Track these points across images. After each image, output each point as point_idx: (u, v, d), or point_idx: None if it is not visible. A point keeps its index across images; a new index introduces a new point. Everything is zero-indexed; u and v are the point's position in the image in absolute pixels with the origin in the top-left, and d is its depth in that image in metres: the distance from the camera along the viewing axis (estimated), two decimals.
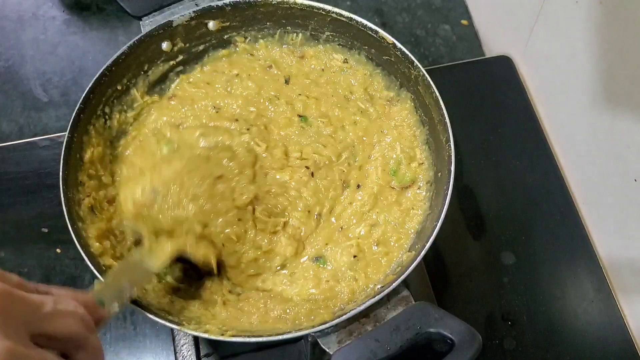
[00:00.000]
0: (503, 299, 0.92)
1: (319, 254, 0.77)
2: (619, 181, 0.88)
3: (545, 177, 1.03)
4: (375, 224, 0.79)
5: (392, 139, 0.84)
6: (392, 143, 0.84)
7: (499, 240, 0.97)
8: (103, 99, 0.81)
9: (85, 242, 0.70)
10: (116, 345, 0.88)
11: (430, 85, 0.78)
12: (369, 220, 0.79)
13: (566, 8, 0.92)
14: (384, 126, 0.86)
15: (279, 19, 0.88)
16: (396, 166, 0.82)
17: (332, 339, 0.65)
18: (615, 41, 0.82)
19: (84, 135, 0.78)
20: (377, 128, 0.85)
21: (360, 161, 0.83)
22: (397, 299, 0.67)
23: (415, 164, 0.83)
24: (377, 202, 0.80)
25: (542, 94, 1.09)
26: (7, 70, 1.17)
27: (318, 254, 0.77)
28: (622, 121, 0.84)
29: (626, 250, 0.90)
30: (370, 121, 0.86)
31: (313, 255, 0.77)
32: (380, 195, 0.80)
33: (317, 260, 0.76)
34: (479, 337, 0.63)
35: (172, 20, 0.83)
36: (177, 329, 0.65)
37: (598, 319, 0.91)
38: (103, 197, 0.78)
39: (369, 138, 0.84)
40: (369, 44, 0.86)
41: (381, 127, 0.85)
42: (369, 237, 0.78)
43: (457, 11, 1.27)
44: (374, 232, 0.78)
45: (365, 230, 0.78)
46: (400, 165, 0.82)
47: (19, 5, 1.23)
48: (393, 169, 0.82)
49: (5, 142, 1.06)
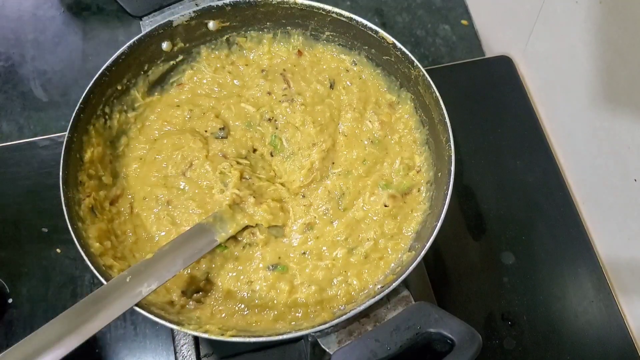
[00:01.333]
0: (503, 299, 0.92)
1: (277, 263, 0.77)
2: (619, 181, 0.88)
3: (545, 177, 1.03)
4: (357, 245, 0.78)
5: (391, 160, 0.84)
6: (391, 162, 0.84)
7: (499, 240, 0.97)
8: (103, 99, 0.81)
9: (85, 242, 0.70)
10: (116, 345, 0.88)
11: (431, 85, 0.78)
12: (348, 244, 0.78)
13: (566, 8, 0.92)
14: (389, 147, 0.84)
15: (279, 19, 0.88)
16: (393, 177, 0.82)
17: (332, 339, 0.65)
18: (615, 41, 0.82)
19: (84, 135, 0.78)
20: (382, 155, 0.84)
21: (344, 205, 0.81)
22: (397, 299, 0.67)
23: (413, 172, 0.83)
24: (356, 227, 0.79)
25: (542, 94, 1.09)
26: (7, 70, 1.17)
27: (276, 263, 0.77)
28: (622, 121, 0.84)
29: (626, 250, 0.90)
30: (380, 149, 0.84)
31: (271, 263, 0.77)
32: (366, 218, 0.80)
33: (274, 268, 0.76)
34: (479, 337, 0.63)
35: (172, 20, 0.83)
36: (177, 329, 0.65)
37: (598, 319, 0.91)
38: (104, 198, 0.78)
39: (369, 175, 0.83)
40: (369, 44, 0.86)
41: (386, 149, 0.84)
42: (349, 256, 0.77)
43: (457, 11, 1.27)
44: (358, 250, 0.78)
45: (343, 252, 0.77)
46: (399, 174, 0.82)
47: (19, 5, 1.23)
48: (383, 184, 0.82)
49: (5, 142, 1.06)
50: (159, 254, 0.70)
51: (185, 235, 0.74)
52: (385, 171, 0.83)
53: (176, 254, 0.70)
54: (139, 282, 0.66)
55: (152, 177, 0.81)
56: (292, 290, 0.75)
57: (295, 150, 0.83)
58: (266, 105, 0.86)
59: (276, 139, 0.84)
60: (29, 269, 0.94)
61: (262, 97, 0.87)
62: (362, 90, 0.88)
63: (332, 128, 0.85)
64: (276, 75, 0.88)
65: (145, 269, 0.68)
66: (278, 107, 0.86)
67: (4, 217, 0.98)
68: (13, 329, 0.89)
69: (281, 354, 0.85)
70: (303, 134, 0.84)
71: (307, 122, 0.84)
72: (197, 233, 0.74)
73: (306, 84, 0.87)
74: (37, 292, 0.92)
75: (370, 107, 0.87)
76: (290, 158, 0.83)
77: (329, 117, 0.85)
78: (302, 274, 0.76)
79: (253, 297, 0.74)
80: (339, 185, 0.81)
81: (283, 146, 0.84)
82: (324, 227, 0.79)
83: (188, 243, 0.72)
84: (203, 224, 0.75)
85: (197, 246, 0.72)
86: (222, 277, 0.76)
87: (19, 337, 0.88)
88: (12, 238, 0.96)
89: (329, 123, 0.85)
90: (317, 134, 0.83)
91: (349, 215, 0.80)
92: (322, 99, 0.87)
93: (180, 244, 0.72)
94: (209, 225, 0.75)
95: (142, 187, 0.80)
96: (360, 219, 0.79)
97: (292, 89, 0.87)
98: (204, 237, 0.74)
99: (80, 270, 0.93)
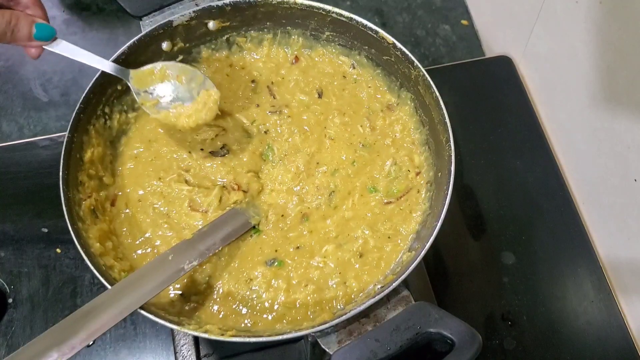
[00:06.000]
0: (503, 299, 0.92)
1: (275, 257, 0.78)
2: (619, 181, 0.88)
3: (545, 177, 1.03)
4: (347, 242, 0.78)
5: (382, 163, 0.84)
6: (382, 165, 0.84)
7: (499, 240, 0.97)
8: (103, 99, 0.81)
9: (85, 242, 0.70)
10: (116, 345, 0.88)
11: (431, 85, 0.78)
12: (337, 241, 0.78)
13: (566, 8, 0.92)
14: (381, 151, 0.85)
15: (279, 19, 0.88)
16: (382, 181, 0.82)
17: (332, 339, 0.65)
18: (615, 41, 0.82)
19: (84, 135, 0.78)
20: (373, 158, 0.84)
21: (335, 202, 0.82)
22: (397, 299, 0.67)
23: (412, 174, 0.83)
24: (346, 225, 0.79)
25: (542, 94, 1.09)
26: (7, 70, 1.17)
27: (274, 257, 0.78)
28: (622, 121, 0.84)
29: (626, 250, 0.90)
30: (370, 152, 0.85)
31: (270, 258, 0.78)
32: (356, 217, 0.80)
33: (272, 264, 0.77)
34: (479, 337, 0.63)
35: (172, 20, 0.83)
36: (177, 329, 0.65)
37: (598, 319, 0.91)
38: (104, 198, 0.79)
39: (357, 176, 0.83)
40: (369, 44, 0.86)
41: (378, 152, 0.85)
42: (339, 251, 0.77)
43: (457, 11, 1.27)
44: (348, 247, 0.78)
45: (332, 248, 0.78)
46: (390, 177, 0.83)
47: None
48: (372, 187, 0.82)
49: (5, 142, 1.06)
50: (199, 235, 0.75)
51: (222, 217, 0.78)
52: (375, 174, 0.83)
53: (215, 235, 0.75)
54: (181, 259, 0.71)
55: (147, 176, 0.82)
56: (290, 289, 0.75)
57: (282, 157, 0.84)
58: (258, 118, 0.87)
59: (269, 150, 0.85)
60: (29, 269, 0.94)
61: (252, 110, 0.88)
62: (354, 96, 0.89)
63: (318, 132, 0.86)
64: (263, 87, 0.89)
65: (186, 248, 0.72)
66: (268, 119, 0.87)
67: (4, 217, 0.98)
68: (13, 329, 0.89)
69: (281, 354, 0.85)
70: (290, 143, 0.85)
71: (293, 132, 0.86)
72: (233, 216, 0.79)
73: (291, 96, 0.89)
74: (37, 292, 0.92)
75: (363, 111, 0.87)
76: (278, 165, 0.84)
77: (314, 122, 0.86)
78: (298, 271, 0.76)
79: (252, 297, 0.74)
80: (327, 183, 0.82)
81: (275, 155, 0.85)
82: (318, 222, 0.80)
83: (226, 225, 0.78)
84: (237, 209, 0.80)
85: (234, 226, 0.78)
86: (222, 277, 0.76)
87: (19, 337, 0.89)
88: (12, 238, 0.96)
89: (313, 128, 0.86)
90: (302, 142, 0.85)
91: (339, 214, 0.80)
92: (308, 106, 0.88)
93: (218, 225, 0.77)
94: (242, 209, 0.80)
95: (135, 186, 0.81)
96: (350, 218, 0.80)
97: (277, 98, 0.89)
98: (239, 219, 0.79)
99: (80, 270, 0.93)
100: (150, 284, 0.67)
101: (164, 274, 0.69)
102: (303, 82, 0.90)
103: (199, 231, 0.76)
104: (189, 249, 0.72)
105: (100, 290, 0.89)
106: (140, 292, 0.66)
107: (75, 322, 0.62)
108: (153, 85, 0.79)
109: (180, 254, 0.71)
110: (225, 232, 0.76)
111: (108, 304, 0.64)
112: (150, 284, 0.67)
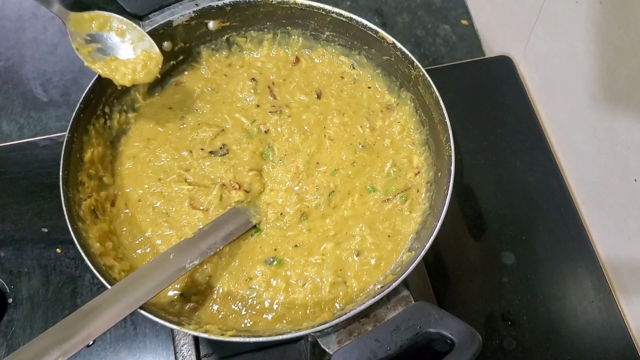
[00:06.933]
0: (503, 299, 0.92)
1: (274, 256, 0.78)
2: (619, 181, 0.88)
3: (545, 177, 1.03)
4: (345, 240, 0.78)
5: (382, 164, 0.84)
6: (382, 165, 0.84)
7: (499, 240, 0.97)
8: (103, 99, 0.81)
9: (85, 242, 0.70)
10: (116, 345, 0.88)
11: (431, 85, 0.78)
12: (335, 239, 0.79)
13: (566, 8, 0.92)
14: (380, 152, 0.85)
15: (279, 19, 0.88)
16: (381, 181, 0.82)
17: (332, 339, 0.65)
18: (615, 41, 0.82)
19: (84, 135, 0.78)
20: (373, 159, 0.84)
21: (335, 202, 0.82)
22: (397, 299, 0.67)
23: (410, 174, 0.83)
24: (345, 224, 0.80)
25: (542, 94, 1.09)
26: (7, 70, 1.17)
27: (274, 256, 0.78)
28: (622, 121, 0.84)
29: (626, 250, 0.90)
30: (370, 153, 0.85)
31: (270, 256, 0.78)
32: (355, 216, 0.80)
33: (271, 263, 0.77)
34: (479, 337, 0.63)
35: (172, 20, 0.83)
36: (177, 329, 0.65)
37: (598, 319, 0.91)
38: (104, 198, 0.79)
39: (357, 177, 0.83)
40: (369, 44, 0.86)
41: (378, 153, 0.85)
42: (337, 250, 0.78)
43: (457, 11, 1.27)
44: (345, 245, 0.78)
45: (330, 246, 0.78)
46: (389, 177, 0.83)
47: (19, 5, 1.23)
48: (370, 188, 0.82)
49: (5, 142, 1.06)
50: (200, 234, 0.75)
51: (223, 216, 0.78)
52: (375, 175, 0.83)
53: (217, 234, 0.76)
54: (182, 258, 0.71)
55: (146, 176, 0.82)
56: (289, 288, 0.75)
57: (282, 156, 0.84)
58: (258, 118, 0.87)
59: (269, 150, 0.85)
60: (29, 269, 0.94)
61: (252, 109, 0.88)
62: (353, 97, 0.89)
63: (317, 132, 0.86)
64: (264, 88, 0.89)
65: (187, 247, 0.72)
66: (269, 119, 0.87)
67: (4, 217, 0.98)
68: (13, 329, 0.89)
69: (281, 354, 0.85)
70: (290, 143, 0.85)
71: (294, 132, 0.85)
72: (234, 215, 0.79)
73: (291, 97, 0.89)
74: (37, 292, 0.92)
75: (363, 112, 0.87)
76: (278, 164, 0.84)
77: (314, 122, 0.86)
78: (296, 269, 0.76)
79: (252, 296, 0.74)
80: (327, 183, 0.82)
81: (275, 155, 0.85)
82: (317, 221, 0.80)
83: (227, 224, 0.78)
84: (238, 208, 0.80)
85: (235, 225, 0.78)
86: (222, 277, 0.76)
87: (19, 337, 0.89)
88: (12, 238, 0.96)
89: (313, 128, 0.86)
90: (302, 142, 0.85)
91: (338, 213, 0.80)
92: (308, 106, 0.88)
93: (219, 224, 0.77)
94: (243, 209, 0.80)
95: (135, 186, 0.81)
96: (349, 217, 0.80)
97: (278, 98, 0.89)
98: (240, 219, 0.79)
99: (80, 270, 0.93)
100: (150, 283, 0.67)
101: (165, 273, 0.69)
102: (303, 83, 0.90)
103: (200, 230, 0.76)
104: (191, 247, 0.72)
105: (100, 290, 0.89)
106: (140, 291, 0.66)
107: (76, 322, 0.62)
108: (91, 32, 0.77)
109: (181, 253, 0.71)
110: (227, 231, 0.76)
111: (108, 304, 0.64)
112: (151, 284, 0.67)
